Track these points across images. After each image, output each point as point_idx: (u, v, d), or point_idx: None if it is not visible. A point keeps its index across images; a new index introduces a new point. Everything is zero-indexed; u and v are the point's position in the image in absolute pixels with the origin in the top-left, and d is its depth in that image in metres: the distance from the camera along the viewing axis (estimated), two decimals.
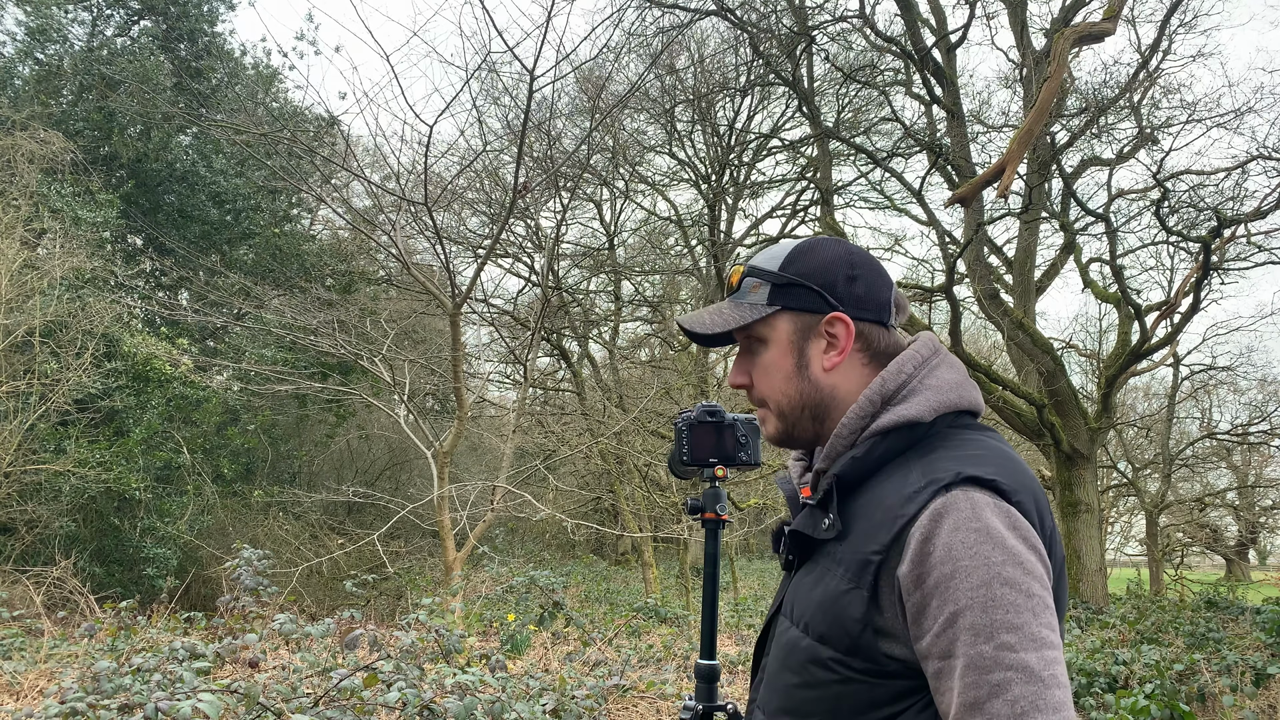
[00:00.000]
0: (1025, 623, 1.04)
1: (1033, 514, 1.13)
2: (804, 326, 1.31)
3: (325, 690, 3.68)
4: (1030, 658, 1.02)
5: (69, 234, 11.94)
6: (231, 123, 11.49)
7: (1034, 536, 1.10)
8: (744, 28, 11.42)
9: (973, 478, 1.12)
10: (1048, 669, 1.02)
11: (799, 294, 1.30)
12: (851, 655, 1.15)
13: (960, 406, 1.25)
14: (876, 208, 17.32)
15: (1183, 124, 13.14)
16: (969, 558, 1.06)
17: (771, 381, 1.33)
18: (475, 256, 14.47)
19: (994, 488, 1.12)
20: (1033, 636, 1.03)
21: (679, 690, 5.60)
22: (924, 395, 1.23)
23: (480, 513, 10.38)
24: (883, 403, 1.25)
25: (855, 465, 1.23)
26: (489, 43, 21.74)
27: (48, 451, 11.44)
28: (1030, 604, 1.05)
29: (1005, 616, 1.04)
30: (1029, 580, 1.06)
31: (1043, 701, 1.00)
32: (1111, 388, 12.73)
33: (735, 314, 1.34)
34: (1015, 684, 1.01)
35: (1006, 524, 1.09)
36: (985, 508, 1.09)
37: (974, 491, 1.11)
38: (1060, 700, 1.01)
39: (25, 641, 6.61)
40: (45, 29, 13.85)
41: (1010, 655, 1.02)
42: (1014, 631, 1.03)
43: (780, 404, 1.33)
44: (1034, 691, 1.01)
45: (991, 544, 1.07)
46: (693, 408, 1.73)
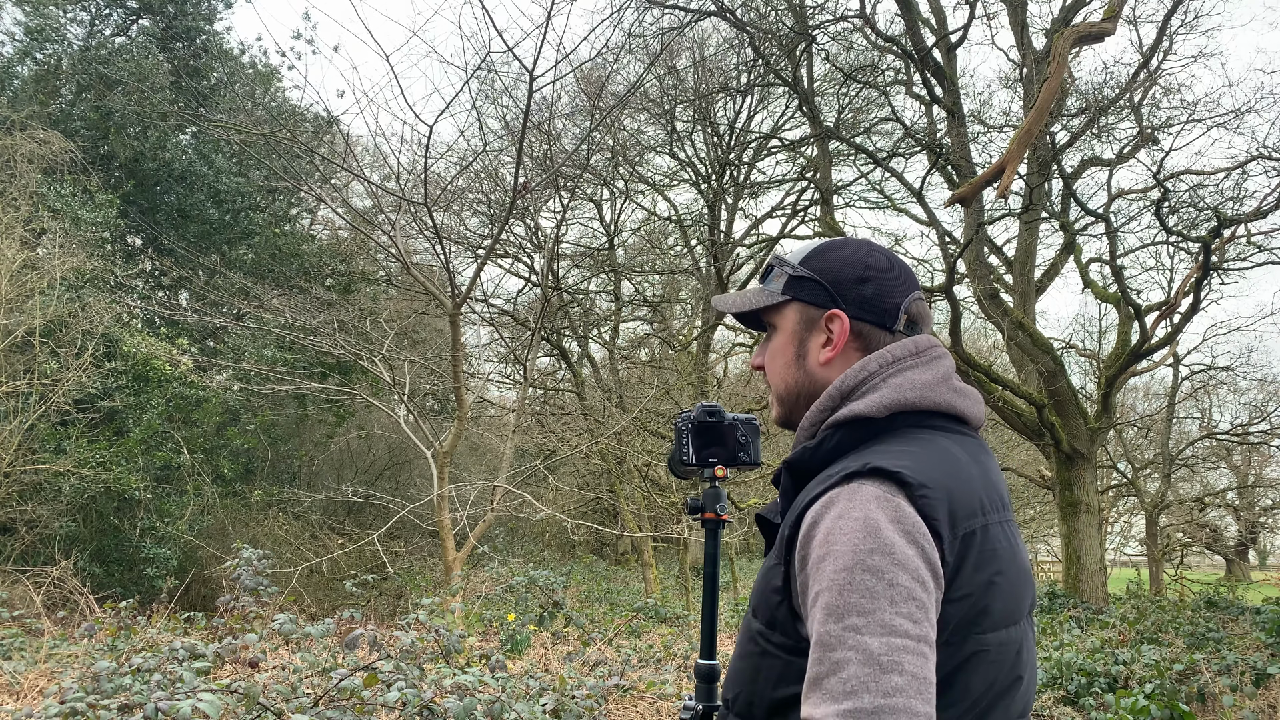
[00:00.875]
0: (878, 609, 1.05)
1: (937, 511, 1.12)
2: (808, 319, 1.37)
3: (325, 690, 3.68)
4: (873, 642, 1.03)
5: (69, 234, 11.94)
6: (230, 122, 11.49)
7: (920, 532, 1.10)
8: (744, 28, 11.42)
9: (878, 469, 1.15)
10: (891, 655, 1.02)
11: (809, 287, 1.36)
12: (770, 628, 1.20)
13: (919, 406, 1.26)
14: (876, 208, 17.32)
15: (1183, 124, 13.14)
16: (840, 543, 1.09)
17: (775, 366, 1.41)
18: (475, 256, 14.47)
19: (896, 480, 1.13)
20: (882, 623, 1.04)
21: (679, 690, 5.60)
22: (880, 393, 1.26)
23: (480, 513, 10.38)
24: (841, 398, 1.29)
25: (805, 454, 1.28)
26: (489, 43, 21.75)
27: (48, 451, 11.43)
28: (890, 593, 1.05)
29: (858, 600, 1.05)
30: (895, 571, 1.06)
31: (875, 685, 1.01)
32: (1111, 388, 12.74)
33: (754, 298, 1.42)
34: (852, 664, 1.02)
35: (890, 516, 1.10)
36: (871, 499, 1.12)
37: (868, 483, 1.14)
38: (896, 686, 1.01)
39: (25, 641, 6.61)
40: (44, 29, 13.84)
41: (854, 637, 1.04)
42: (864, 615, 1.04)
43: (779, 389, 1.40)
44: (868, 674, 1.01)
45: (865, 532, 1.09)
46: (693, 408, 1.72)
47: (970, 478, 1.21)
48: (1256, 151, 11.62)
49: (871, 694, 1.01)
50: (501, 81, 12.92)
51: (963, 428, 1.31)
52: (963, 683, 1.12)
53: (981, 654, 1.13)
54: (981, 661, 1.13)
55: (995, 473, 1.30)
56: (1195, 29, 15.46)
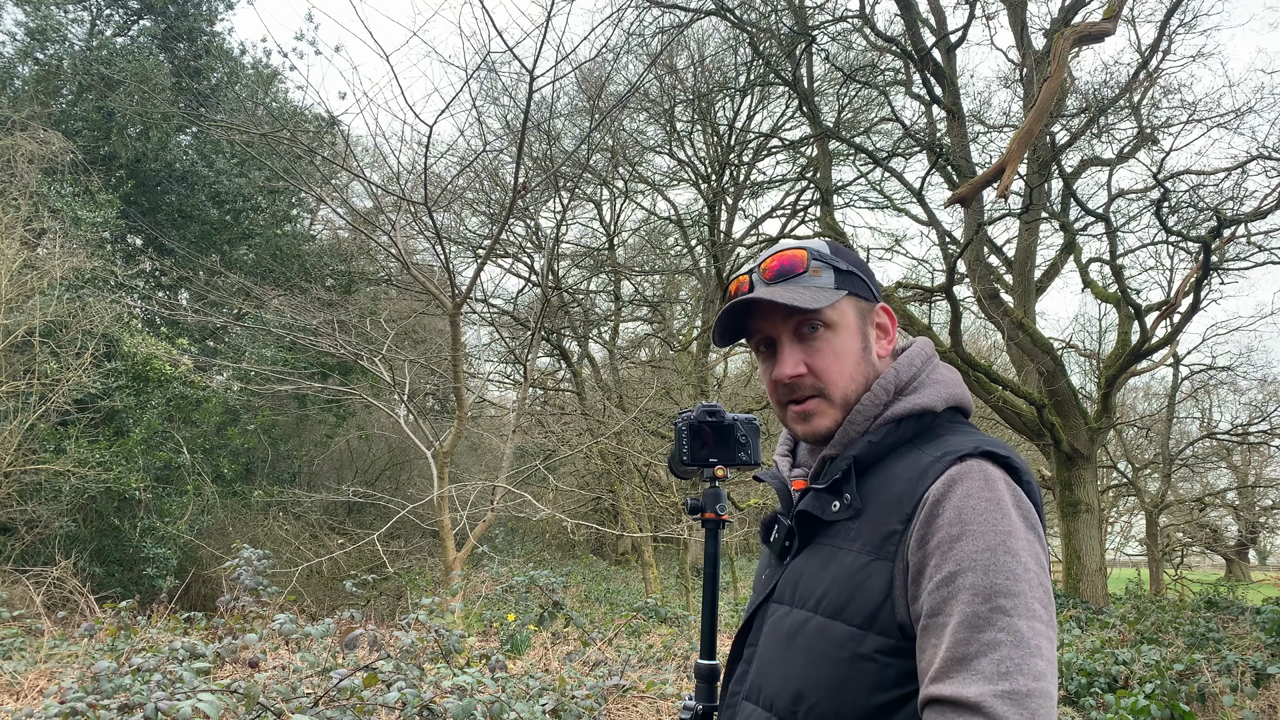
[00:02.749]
0: (1023, 591, 1.07)
1: (1038, 497, 1.18)
2: (863, 313, 1.35)
3: (325, 690, 3.68)
4: (1023, 625, 1.05)
5: (69, 234, 11.94)
6: (231, 123, 11.49)
7: (1034, 520, 1.15)
8: (744, 28, 11.42)
9: (989, 452, 1.17)
10: (1036, 639, 1.05)
11: (857, 282, 1.34)
12: (867, 629, 1.16)
13: (962, 402, 1.32)
14: (876, 208, 17.31)
15: (1183, 124, 13.14)
16: (977, 522, 1.10)
17: (841, 366, 1.30)
18: (475, 256, 14.47)
19: (1008, 465, 1.17)
20: (1028, 607, 1.06)
21: (679, 690, 5.60)
22: (934, 388, 1.29)
23: (480, 513, 10.38)
24: (896, 392, 1.29)
25: (871, 448, 1.26)
26: (489, 43, 21.74)
27: (48, 451, 11.43)
28: (1029, 577, 1.08)
29: (1005, 582, 1.07)
30: (1029, 555, 1.10)
31: (1028, 667, 1.03)
32: (1111, 388, 12.73)
33: (816, 294, 1.29)
34: (1005, 645, 1.04)
35: (1014, 499, 1.14)
36: (999, 480, 1.14)
37: (988, 464, 1.16)
38: (1042, 670, 1.04)
39: (25, 641, 6.61)
40: (45, 29, 13.84)
41: (1004, 619, 1.05)
42: (1011, 598, 1.06)
43: (846, 389, 1.30)
44: (1021, 656, 1.04)
45: (1000, 513, 1.11)
46: (693, 408, 1.72)
47: None
48: (1256, 151, 11.63)
49: (1025, 677, 1.03)
50: (501, 81, 12.93)
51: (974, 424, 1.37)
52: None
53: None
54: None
55: None
56: (1195, 29, 15.41)
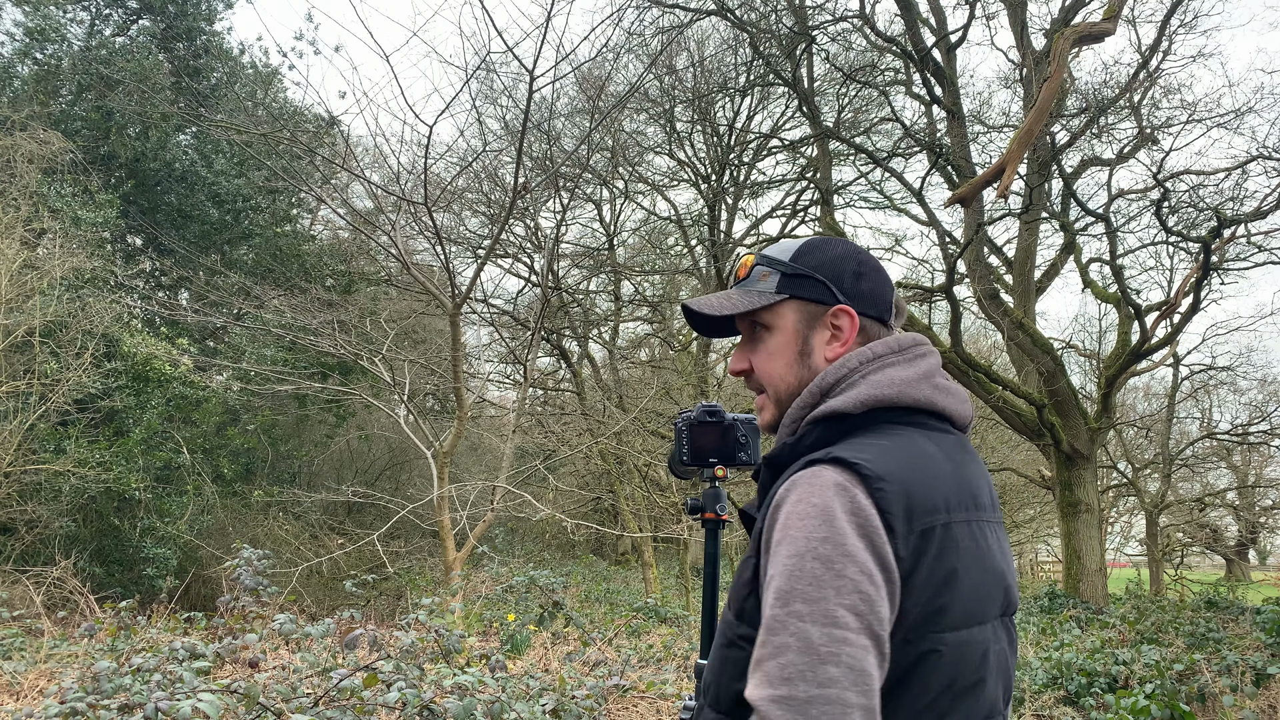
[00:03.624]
0: (824, 598, 1.06)
1: (892, 505, 1.13)
2: (810, 316, 1.35)
3: (325, 690, 3.68)
4: (814, 631, 1.04)
5: (69, 234, 11.94)
6: (231, 122, 11.49)
7: (873, 526, 1.11)
8: (744, 28, 11.42)
9: (838, 459, 1.15)
10: (830, 645, 1.04)
11: (808, 285, 1.35)
12: (739, 620, 1.21)
13: (898, 402, 1.26)
14: (876, 208, 17.32)
15: (1183, 124, 13.13)
16: (795, 528, 1.11)
17: (774, 367, 1.36)
18: (475, 256, 14.48)
19: (855, 470, 1.14)
20: (826, 613, 1.05)
21: (679, 690, 5.60)
22: (859, 389, 1.26)
23: (480, 513, 10.38)
24: (821, 394, 1.30)
25: (785, 449, 1.28)
26: (489, 43, 21.76)
27: (48, 451, 11.43)
28: (837, 584, 1.06)
29: (805, 588, 1.07)
30: (844, 562, 1.07)
31: (811, 674, 1.03)
32: (1111, 388, 12.73)
33: (743, 299, 1.38)
34: (791, 651, 1.04)
35: (845, 507, 1.11)
36: (830, 486, 1.13)
37: (829, 470, 1.15)
38: (832, 677, 1.02)
39: (25, 641, 6.61)
40: (44, 29, 13.83)
41: (796, 624, 1.05)
42: (808, 603, 1.06)
43: (779, 390, 1.37)
44: (806, 663, 1.03)
45: (819, 520, 1.10)
46: (693, 408, 1.73)
47: (939, 475, 1.20)
48: (1256, 151, 11.62)
49: (807, 683, 1.02)
50: (501, 81, 12.93)
51: (944, 425, 1.30)
52: (920, 680, 1.12)
53: (938, 652, 1.12)
54: (940, 660, 1.13)
55: (973, 472, 1.28)
56: (1195, 29, 15.42)
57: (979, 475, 1.30)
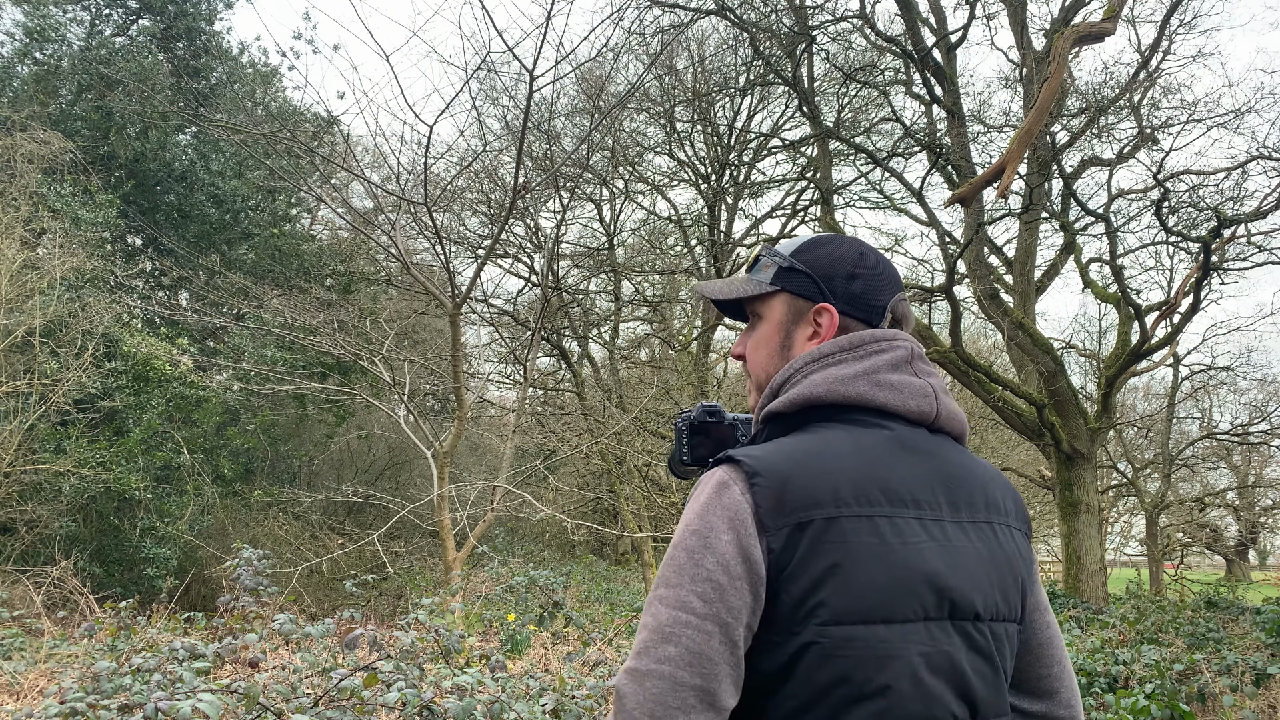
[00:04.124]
0: (679, 583, 1.15)
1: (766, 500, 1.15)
2: (796, 311, 1.38)
3: (325, 690, 3.68)
4: (664, 613, 1.14)
5: (69, 234, 11.94)
6: (230, 122, 11.49)
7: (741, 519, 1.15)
8: (744, 27, 11.42)
9: (728, 456, 1.22)
10: (674, 627, 1.12)
11: (799, 279, 1.38)
12: None
13: (825, 400, 1.26)
14: (877, 208, 17.31)
15: (1183, 124, 13.13)
16: (681, 522, 1.20)
17: (758, 355, 1.42)
18: (475, 256, 14.48)
19: (740, 467, 1.20)
20: (677, 598, 1.14)
21: None
22: (795, 389, 1.30)
23: (480, 513, 10.38)
24: (772, 394, 1.34)
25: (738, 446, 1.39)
26: (489, 43, 21.76)
27: (48, 451, 11.43)
28: (693, 571, 1.14)
29: (668, 574, 1.17)
30: (704, 553, 1.15)
31: (652, 651, 1.12)
32: (1111, 388, 12.73)
33: (742, 286, 1.44)
34: (646, 629, 1.15)
35: (720, 502, 1.18)
36: (714, 483, 1.20)
37: (720, 469, 1.22)
38: (669, 656, 1.11)
39: (25, 641, 6.62)
40: (44, 29, 13.84)
41: (656, 606, 1.15)
42: (667, 588, 1.15)
43: (759, 378, 1.42)
44: (650, 640, 1.13)
45: (696, 514, 1.18)
46: (693, 408, 1.73)
47: (834, 470, 1.17)
48: (1256, 151, 11.61)
49: (648, 658, 1.12)
50: (501, 81, 12.94)
51: (885, 421, 1.26)
52: (803, 674, 1.12)
53: (818, 646, 1.11)
54: (822, 653, 1.11)
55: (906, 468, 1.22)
56: (1194, 29, 15.41)
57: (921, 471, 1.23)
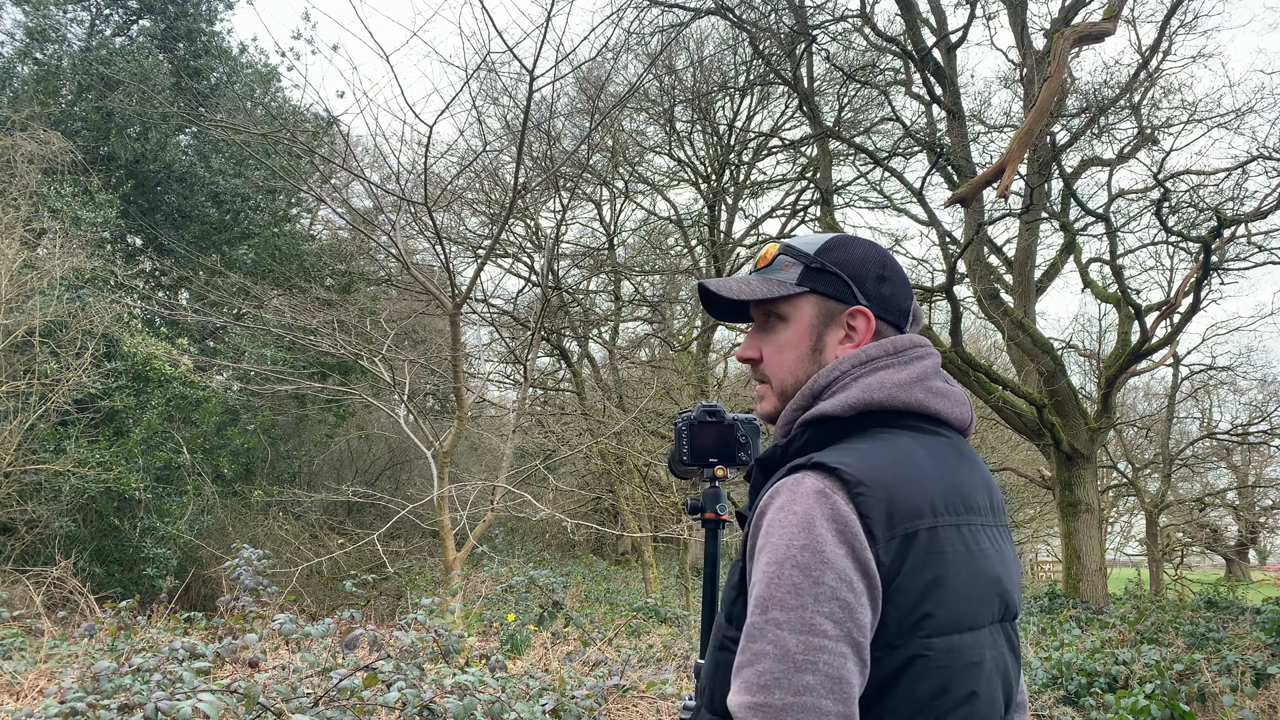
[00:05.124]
0: (801, 605, 1.06)
1: (873, 510, 1.12)
2: (827, 313, 1.33)
3: (325, 690, 3.68)
4: (791, 639, 1.05)
5: (69, 234, 11.94)
6: (230, 122, 11.48)
7: (853, 531, 1.10)
8: (744, 27, 11.42)
9: (820, 464, 1.15)
10: (807, 654, 1.04)
11: (830, 281, 1.33)
12: (729, 623, 1.20)
13: (887, 405, 1.25)
14: (876, 207, 17.32)
15: (1183, 124, 13.14)
16: (776, 535, 1.11)
17: (783, 359, 1.35)
18: (475, 256, 14.47)
19: (836, 475, 1.13)
20: (803, 621, 1.06)
21: (679, 690, 5.60)
22: (849, 393, 1.25)
23: (480, 513, 10.38)
24: (813, 397, 1.29)
25: (775, 452, 1.28)
26: (489, 43, 21.76)
27: (48, 451, 11.43)
28: (815, 591, 1.07)
29: (783, 595, 1.07)
30: (823, 569, 1.08)
31: (788, 682, 1.04)
32: (1111, 388, 12.73)
33: (763, 287, 1.35)
34: (769, 658, 1.05)
35: (826, 513, 1.11)
36: (811, 493, 1.12)
37: (810, 476, 1.15)
38: (808, 685, 1.03)
39: (25, 641, 6.61)
40: (44, 29, 13.83)
41: (774, 631, 1.06)
42: (786, 611, 1.06)
43: (784, 383, 1.35)
44: (783, 670, 1.04)
45: (799, 527, 1.10)
46: (693, 408, 1.73)
47: (925, 479, 1.18)
48: (1257, 151, 11.61)
49: (783, 690, 1.03)
50: (501, 81, 12.94)
51: (938, 428, 1.28)
52: (905, 686, 1.11)
53: (925, 658, 1.11)
54: (927, 666, 1.11)
55: (967, 475, 1.26)
56: (1195, 29, 15.43)
57: (975, 479, 1.28)
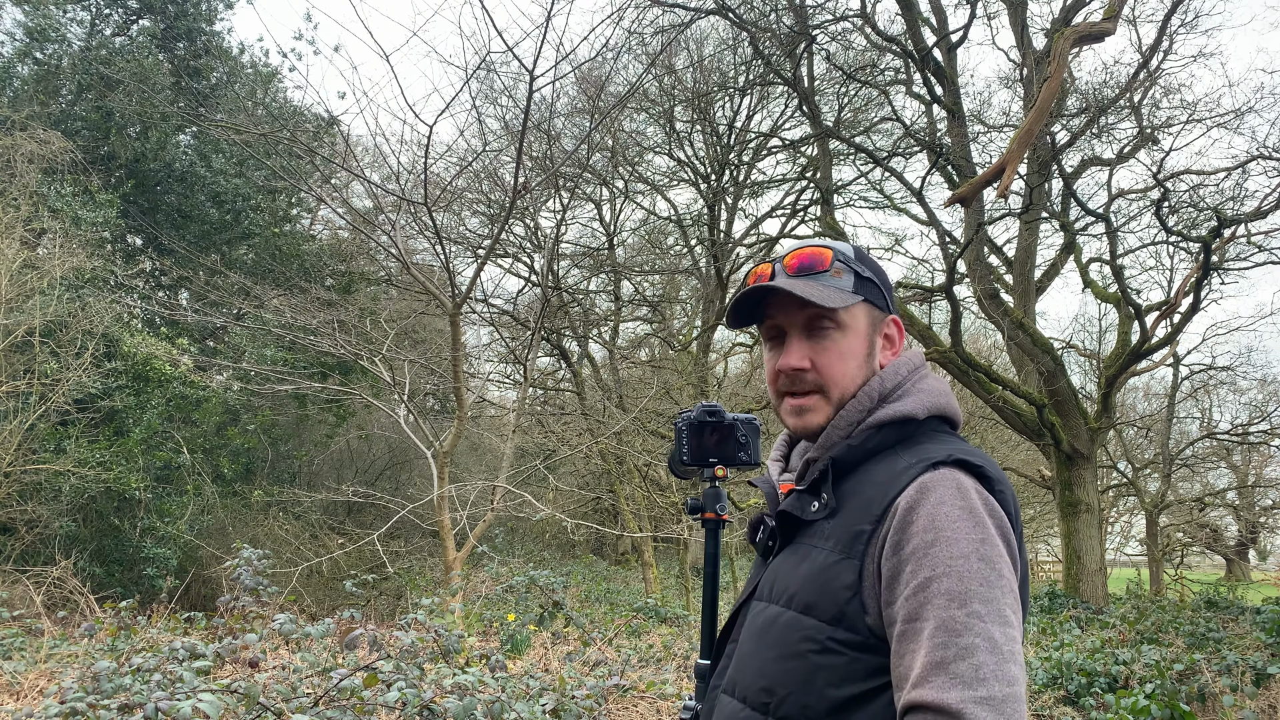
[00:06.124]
0: (996, 598, 1.11)
1: (1010, 506, 1.21)
2: (874, 321, 1.40)
3: (325, 690, 3.68)
4: (996, 631, 1.09)
5: (69, 234, 11.93)
6: (230, 122, 11.49)
7: (1008, 526, 1.18)
8: (744, 27, 11.42)
9: (962, 460, 1.21)
10: (1009, 645, 1.09)
11: (874, 290, 1.40)
12: (835, 624, 1.20)
13: (947, 412, 1.35)
14: (876, 207, 17.32)
15: (1183, 124, 13.14)
16: (951, 529, 1.13)
17: (845, 368, 1.35)
18: (475, 256, 14.47)
19: (980, 473, 1.20)
20: (1000, 613, 1.10)
21: (679, 690, 5.60)
22: (918, 396, 1.33)
23: (480, 513, 10.38)
24: (880, 399, 1.34)
25: (850, 451, 1.31)
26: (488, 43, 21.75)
27: (48, 451, 11.43)
28: (1000, 584, 1.12)
29: (979, 589, 1.10)
30: (1002, 564, 1.13)
31: (1002, 673, 1.07)
32: (1111, 388, 12.73)
33: (832, 295, 1.34)
34: (981, 651, 1.07)
35: (986, 508, 1.17)
36: (971, 489, 1.18)
37: (960, 473, 1.20)
38: (1015, 676, 1.08)
39: (25, 641, 6.61)
40: (44, 29, 13.83)
41: (980, 624, 1.09)
42: (986, 604, 1.09)
43: (844, 391, 1.35)
44: (996, 662, 1.07)
45: (973, 521, 1.14)
46: (693, 408, 1.72)
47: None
48: (1257, 151, 11.61)
49: (1000, 682, 1.06)
50: (501, 81, 12.93)
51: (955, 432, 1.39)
52: None
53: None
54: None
55: None
56: (1195, 29, 15.47)
57: None
